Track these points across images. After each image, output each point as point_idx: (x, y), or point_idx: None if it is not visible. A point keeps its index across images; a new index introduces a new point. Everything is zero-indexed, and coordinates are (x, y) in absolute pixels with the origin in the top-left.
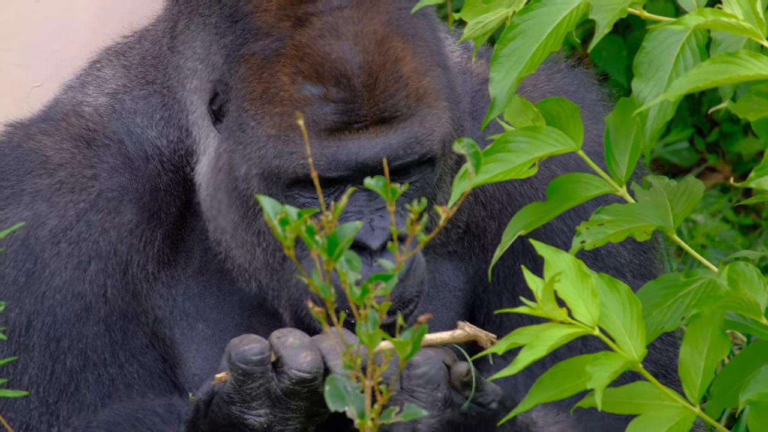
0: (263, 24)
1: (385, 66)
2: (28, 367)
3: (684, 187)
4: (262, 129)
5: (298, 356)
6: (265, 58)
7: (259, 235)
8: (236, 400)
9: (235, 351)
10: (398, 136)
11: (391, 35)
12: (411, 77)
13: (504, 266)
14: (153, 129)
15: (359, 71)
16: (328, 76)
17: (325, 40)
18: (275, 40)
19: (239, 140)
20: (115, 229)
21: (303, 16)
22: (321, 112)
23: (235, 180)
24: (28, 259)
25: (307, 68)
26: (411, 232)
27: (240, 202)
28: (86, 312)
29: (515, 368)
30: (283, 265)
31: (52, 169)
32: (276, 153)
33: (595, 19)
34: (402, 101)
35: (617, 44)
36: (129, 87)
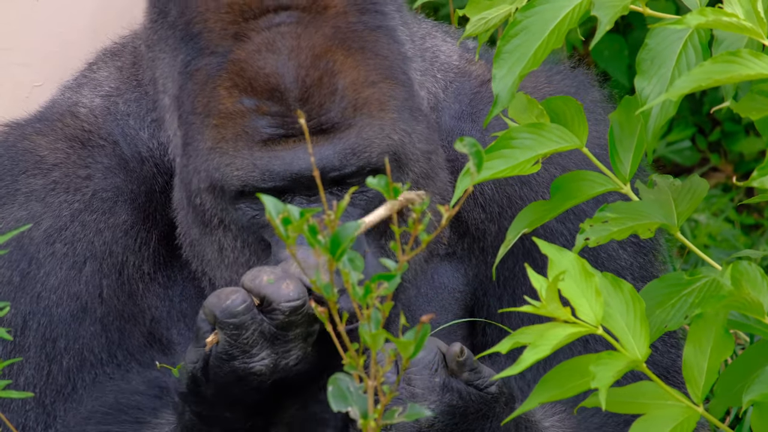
0: (209, 42)
1: (321, 79)
2: (24, 368)
3: (688, 186)
4: (203, 142)
5: (281, 289)
6: (209, 73)
7: (221, 251)
8: (236, 355)
9: (219, 309)
10: (333, 147)
11: (332, 49)
12: (349, 89)
13: (504, 269)
14: (145, 132)
15: (293, 85)
16: (262, 90)
17: (261, 54)
18: (218, 56)
19: (189, 154)
20: (110, 230)
21: (243, 33)
22: (255, 125)
23: (190, 195)
24: (22, 259)
25: (243, 82)
26: (414, 232)
27: (198, 219)
28: (82, 312)
29: (519, 368)
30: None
31: (46, 169)
32: (215, 165)
33: (597, 16)
34: (338, 114)
35: (619, 44)
36: (121, 90)
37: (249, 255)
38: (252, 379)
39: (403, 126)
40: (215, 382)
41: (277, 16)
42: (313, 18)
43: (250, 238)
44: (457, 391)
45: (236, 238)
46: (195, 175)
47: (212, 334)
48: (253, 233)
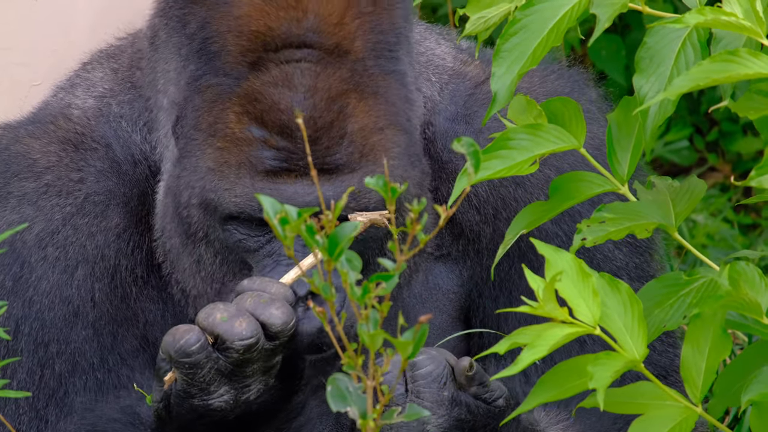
0: (225, 63)
1: (332, 123)
2: (17, 372)
3: (686, 187)
4: (203, 160)
5: (234, 327)
6: (220, 93)
7: (200, 263)
8: (194, 393)
9: (173, 348)
10: (334, 189)
11: (347, 92)
12: (358, 134)
13: (500, 270)
14: (137, 134)
15: (304, 125)
16: (272, 124)
17: (277, 89)
18: (232, 79)
19: (184, 167)
20: (103, 233)
21: (261, 63)
22: (260, 155)
23: (179, 206)
24: (14, 263)
25: (255, 111)
26: (411, 232)
27: (182, 229)
28: (74, 316)
29: (516, 368)
30: (218, 294)
31: (38, 172)
32: (212, 187)
33: (596, 14)
34: (344, 158)
35: (616, 44)
36: (116, 91)
37: (226, 271)
38: (213, 414)
39: (402, 173)
40: (178, 419)
41: (299, 52)
42: (333, 59)
43: (231, 257)
44: (465, 405)
45: (217, 254)
46: (187, 189)
47: (170, 373)
48: (236, 254)
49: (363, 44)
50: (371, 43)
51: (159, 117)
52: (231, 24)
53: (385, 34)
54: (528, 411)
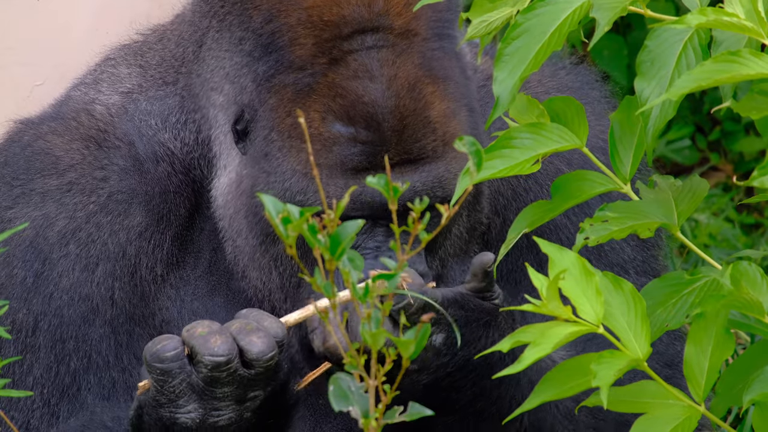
0: (298, 58)
1: (415, 111)
2: (33, 368)
3: (689, 186)
4: (287, 162)
5: (208, 342)
6: (297, 92)
7: (277, 260)
8: (163, 402)
9: (149, 353)
10: (422, 179)
11: (422, 78)
12: (439, 121)
13: (508, 262)
14: (167, 131)
15: (390, 116)
16: (358, 118)
17: (359, 81)
18: (308, 75)
19: (263, 169)
20: (125, 232)
21: (338, 55)
22: (348, 153)
23: (256, 206)
24: (36, 259)
25: (339, 108)
26: (413, 231)
27: (259, 228)
28: (92, 314)
29: (520, 366)
30: (297, 289)
31: (62, 169)
32: (300, 188)
33: (596, 18)
34: (429, 145)
35: (618, 44)
36: (145, 87)
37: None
38: (178, 430)
39: None
40: (148, 429)
41: (370, 38)
42: (405, 44)
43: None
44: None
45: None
46: (268, 188)
47: (145, 381)
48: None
49: (426, 24)
50: (433, 22)
51: (212, 114)
52: (301, 15)
53: (443, 11)
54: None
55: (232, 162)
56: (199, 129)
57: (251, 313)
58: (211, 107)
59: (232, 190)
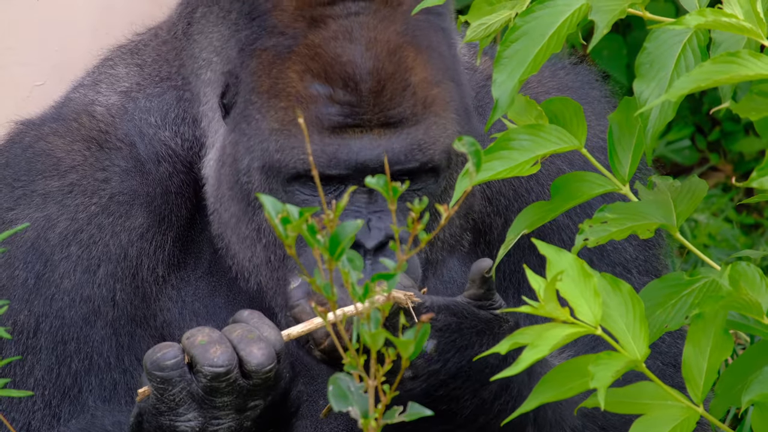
0: (279, 22)
1: (394, 74)
2: (35, 369)
3: (688, 187)
4: (266, 122)
5: (208, 352)
6: (277, 54)
7: (260, 231)
8: (163, 410)
9: (149, 360)
10: (401, 141)
11: (404, 45)
12: (419, 86)
13: (509, 263)
14: (167, 129)
15: (368, 77)
16: (336, 78)
17: (338, 42)
18: (289, 38)
19: (243, 132)
20: (126, 233)
21: (319, 18)
22: (326, 111)
23: (238, 173)
24: (38, 261)
25: (317, 67)
26: (412, 231)
27: (241, 196)
28: (94, 315)
29: (518, 368)
30: (283, 262)
31: (63, 171)
32: (278, 147)
33: (594, 20)
34: (408, 109)
35: (617, 43)
36: (143, 85)
37: None
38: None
39: (458, 127)
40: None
41: (354, 5)
42: (388, 12)
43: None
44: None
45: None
46: (248, 153)
47: (145, 387)
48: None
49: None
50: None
51: (202, 91)
52: None
53: None
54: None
55: (219, 138)
56: (194, 120)
57: (252, 318)
58: (201, 85)
59: (216, 163)
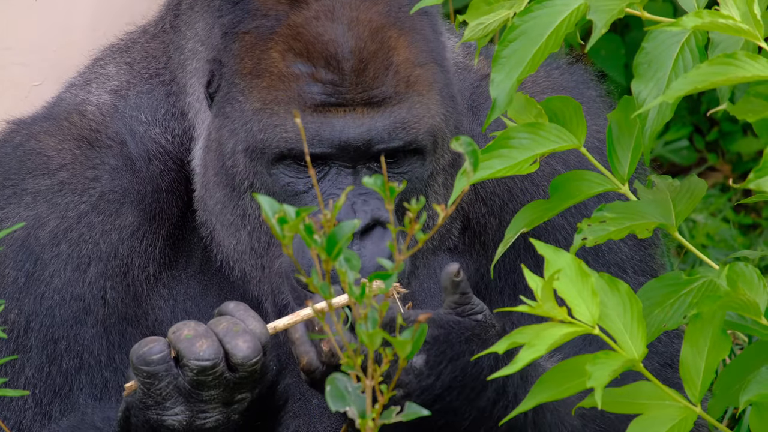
0: (262, 5)
1: (377, 53)
2: (25, 368)
3: (686, 186)
4: (249, 103)
5: (194, 345)
6: (260, 35)
7: (245, 217)
8: (150, 404)
9: (136, 355)
10: (384, 120)
11: (387, 26)
12: (402, 66)
13: (506, 263)
14: (157, 125)
15: (350, 55)
16: (318, 56)
17: (319, 21)
18: (271, 20)
19: (227, 115)
20: (116, 232)
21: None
22: (308, 90)
23: (223, 157)
24: (28, 259)
25: (299, 46)
26: (410, 231)
27: (227, 181)
28: (84, 314)
29: (515, 367)
30: (267, 249)
31: (53, 169)
32: (261, 126)
33: (593, 20)
34: (391, 88)
35: (615, 43)
36: (132, 83)
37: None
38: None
39: (443, 109)
40: (135, 431)
41: None
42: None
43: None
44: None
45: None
46: (232, 136)
47: (132, 382)
48: (282, 200)
49: None
50: None
51: (188, 83)
52: None
53: None
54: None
55: (206, 128)
56: (182, 112)
57: (238, 309)
58: (187, 76)
59: (203, 152)
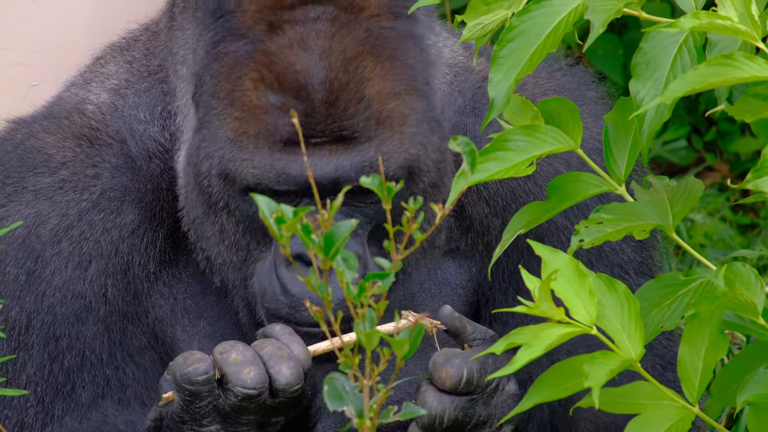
0: (241, 24)
1: (349, 85)
2: (27, 366)
3: (684, 187)
4: (222, 130)
5: (242, 372)
6: (237, 59)
7: (222, 232)
8: (187, 419)
9: (180, 372)
10: (352, 158)
11: (363, 54)
12: (375, 99)
13: (509, 263)
14: (155, 124)
15: (320, 87)
16: (288, 87)
17: (292, 50)
18: (249, 42)
19: (204, 137)
20: (117, 229)
21: (278, 23)
22: (278, 123)
23: (199, 176)
24: (29, 257)
25: (270, 76)
26: (407, 231)
27: (203, 199)
28: (86, 312)
29: (512, 368)
30: (244, 263)
31: (54, 167)
32: (231, 157)
33: (590, 20)
34: (361, 123)
35: (613, 43)
36: (131, 81)
37: (249, 240)
38: None
39: (420, 139)
40: None
41: (314, 10)
42: (349, 18)
43: (253, 225)
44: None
45: (239, 223)
46: (207, 159)
47: (170, 392)
48: (257, 222)
49: (379, 1)
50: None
51: (179, 87)
52: None
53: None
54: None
55: (189, 137)
56: (172, 114)
57: (283, 333)
58: (178, 81)
59: (185, 163)
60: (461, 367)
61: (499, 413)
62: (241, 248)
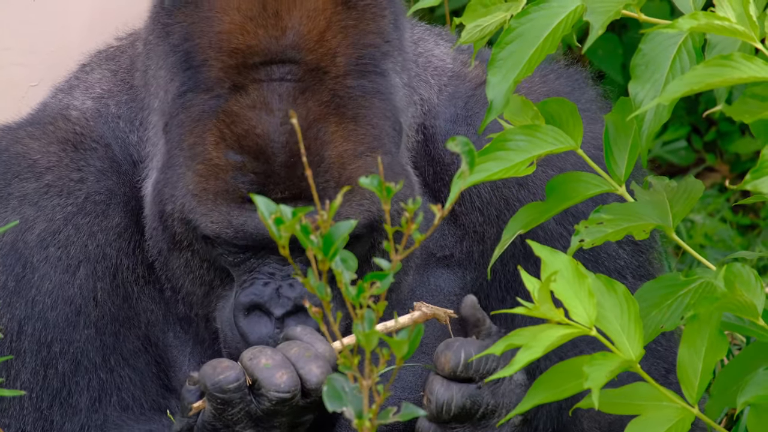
0: (207, 79)
1: (309, 149)
2: (21, 373)
3: (684, 187)
4: (183, 180)
5: (274, 377)
6: (202, 113)
7: (187, 266)
8: (219, 427)
9: (210, 381)
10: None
11: (326, 116)
12: (335, 162)
13: (506, 271)
14: (134, 135)
15: (280, 150)
16: (249, 149)
17: (255, 112)
18: (214, 98)
19: (168, 180)
20: (104, 233)
21: (242, 83)
22: (237, 182)
23: (163, 214)
24: (17, 263)
25: (232, 137)
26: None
27: (167, 235)
28: (76, 316)
29: (512, 369)
30: (206, 297)
31: (39, 172)
32: (191, 208)
33: (589, 21)
34: (320, 185)
35: (613, 43)
36: (114, 92)
37: (214, 276)
38: None
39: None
40: None
41: (278, 70)
42: (313, 80)
43: (217, 263)
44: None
45: (203, 261)
46: (171, 201)
47: (200, 402)
48: (220, 263)
49: (345, 61)
50: (354, 58)
51: (150, 117)
52: (212, 39)
53: (370, 47)
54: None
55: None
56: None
57: (305, 333)
58: (150, 112)
59: (152, 194)
60: (459, 350)
61: (507, 402)
62: (204, 283)
